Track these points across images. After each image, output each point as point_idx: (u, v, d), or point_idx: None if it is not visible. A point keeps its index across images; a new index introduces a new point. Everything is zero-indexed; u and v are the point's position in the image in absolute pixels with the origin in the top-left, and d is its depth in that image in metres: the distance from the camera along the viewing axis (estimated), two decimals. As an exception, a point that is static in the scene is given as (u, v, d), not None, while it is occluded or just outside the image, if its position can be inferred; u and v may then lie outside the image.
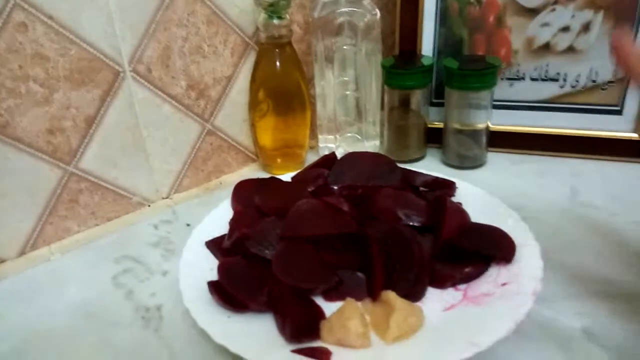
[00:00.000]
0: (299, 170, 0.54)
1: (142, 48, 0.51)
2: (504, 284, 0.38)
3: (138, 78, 0.51)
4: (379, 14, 0.57)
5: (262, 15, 0.55)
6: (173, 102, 0.55)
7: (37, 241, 0.50)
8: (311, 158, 0.60)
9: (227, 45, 0.57)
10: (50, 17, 0.44)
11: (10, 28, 0.43)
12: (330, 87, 0.60)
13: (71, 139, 0.49)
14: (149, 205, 0.56)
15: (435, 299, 0.39)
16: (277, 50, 0.56)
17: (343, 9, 0.56)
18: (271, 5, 0.54)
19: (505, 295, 0.37)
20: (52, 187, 0.49)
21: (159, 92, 0.53)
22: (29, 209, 0.48)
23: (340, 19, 0.57)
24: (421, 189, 0.50)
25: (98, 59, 0.48)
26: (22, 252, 0.49)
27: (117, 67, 0.49)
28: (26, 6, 0.43)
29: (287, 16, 0.55)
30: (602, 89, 0.58)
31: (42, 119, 0.47)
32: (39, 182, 0.48)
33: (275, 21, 0.55)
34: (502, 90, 0.60)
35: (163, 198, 0.58)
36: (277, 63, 0.57)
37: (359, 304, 0.38)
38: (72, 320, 0.41)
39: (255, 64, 0.58)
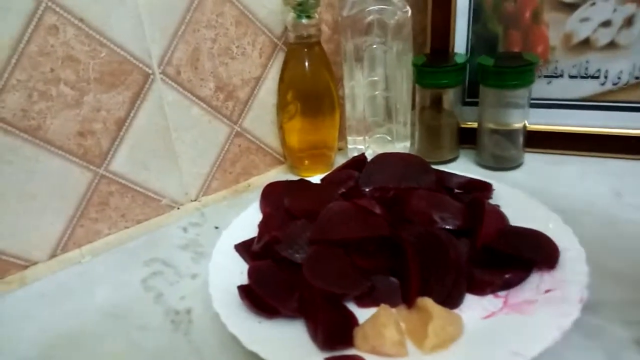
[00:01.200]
0: (328, 172, 0.53)
1: (171, 50, 0.50)
2: (547, 291, 0.36)
3: (167, 80, 0.51)
4: (409, 12, 0.55)
5: (291, 15, 0.54)
6: (202, 104, 0.54)
7: (68, 244, 0.50)
8: (340, 160, 0.59)
9: (256, 46, 0.56)
10: (81, 20, 0.44)
11: (42, 31, 0.43)
12: (359, 87, 0.59)
13: (102, 141, 0.49)
14: (178, 208, 0.56)
15: (474, 307, 0.37)
16: (305, 50, 0.56)
17: (373, 7, 0.55)
18: (300, 4, 0.53)
19: (550, 303, 0.35)
20: (82, 189, 0.49)
21: (188, 94, 0.53)
22: (59, 211, 0.49)
23: (370, 18, 0.55)
24: (456, 191, 0.48)
25: (128, 61, 0.48)
26: (53, 255, 0.50)
27: (146, 69, 0.49)
28: (57, 9, 0.43)
29: (316, 15, 0.55)
30: (646, 86, 0.55)
31: (73, 122, 0.47)
32: (69, 185, 0.48)
33: (304, 21, 0.54)
34: (540, 88, 0.58)
35: (192, 200, 0.57)
36: (306, 63, 0.56)
37: (394, 310, 0.36)
38: (101, 323, 0.41)
39: (283, 64, 0.58)
